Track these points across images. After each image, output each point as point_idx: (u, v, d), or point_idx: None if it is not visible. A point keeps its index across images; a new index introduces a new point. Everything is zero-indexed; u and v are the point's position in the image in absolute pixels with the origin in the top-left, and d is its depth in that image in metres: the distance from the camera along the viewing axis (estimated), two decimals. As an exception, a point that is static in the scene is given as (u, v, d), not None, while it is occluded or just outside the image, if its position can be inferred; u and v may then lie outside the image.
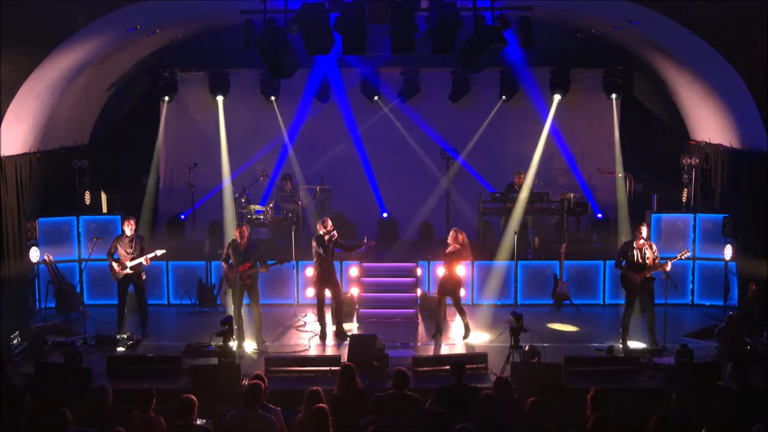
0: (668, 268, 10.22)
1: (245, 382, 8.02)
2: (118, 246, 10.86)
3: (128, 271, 10.82)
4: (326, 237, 10.86)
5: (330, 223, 10.97)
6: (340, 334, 11.00)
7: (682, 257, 10.41)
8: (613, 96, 14.63)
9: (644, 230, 10.35)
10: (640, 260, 10.29)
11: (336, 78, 14.73)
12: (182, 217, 14.68)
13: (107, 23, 10.48)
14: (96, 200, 13.53)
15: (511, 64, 14.19)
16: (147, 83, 15.04)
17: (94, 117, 14.18)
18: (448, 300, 11.11)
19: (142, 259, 10.81)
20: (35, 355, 9.89)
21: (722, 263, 12.26)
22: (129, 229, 10.86)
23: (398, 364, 8.40)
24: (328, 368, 9.30)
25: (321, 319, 11.15)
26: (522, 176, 13.99)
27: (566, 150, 14.87)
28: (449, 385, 7.74)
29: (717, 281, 12.41)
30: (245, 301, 10.76)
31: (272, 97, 14.77)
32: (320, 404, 6.56)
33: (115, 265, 10.81)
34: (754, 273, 11.05)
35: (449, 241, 10.89)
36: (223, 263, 10.80)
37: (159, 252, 10.95)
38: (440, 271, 11.22)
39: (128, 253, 10.81)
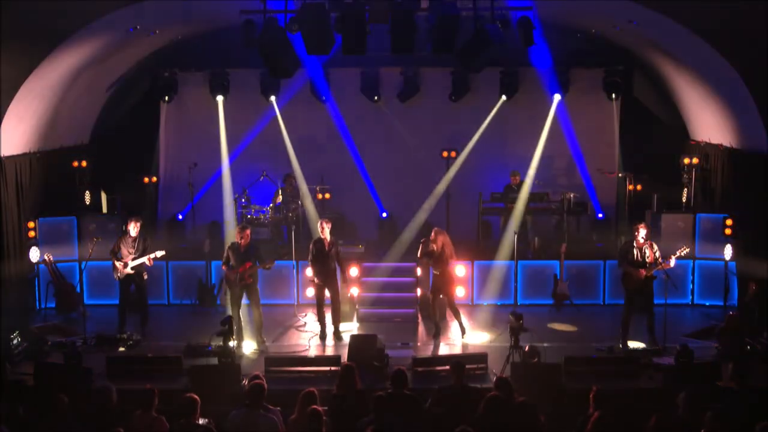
0: (672, 264, 10.19)
1: (245, 382, 8.03)
2: (121, 245, 10.86)
3: (130, 270, 10.82)
4: (326, 241, 10.86)
5: (327, 229, 10.91)
6: (337, 335, 11.01)
7: (681, 254, 10.41)
8: (613, 96, 14.63)
9: (642, 230, 10.34)
10: (640, 259, 10.29)
11: (336, 78, 14.74)
12: (180, 217, 14.67)
13: (107, 23, 10.49)
14: (96, 200, 13.52)
15: (510, 63, 14.19)
16: (147, 83, 15.03)
17: (94, 117, 14.18)
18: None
19: (144, 259, 10.80)
20: (35, 355, 9.89)
21: (722, 263, 12.25)
22: (134, 229, 10.85)
23: (398, 364, 8.40)
24: (328, 368, 9.29)
25: (321, 320, 11.16)
26: (517, 177, 14.01)
27: (566, 150, 14.86)
28: (449, 385, 7.74)
29: (717, 281, 12.40)
30: (245, 301, 10.76)
31: (272, 97, 14.77)
32: (315, 406, 6.55)
33: (117, 264, 10.81)
34: (754, 273, 11.05)
35: (430, 242, 10.83)
36: (223, 266, 10.80)
37: (159, 253, 10.94)
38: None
39: (130, 253, 10.81)
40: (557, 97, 14.65)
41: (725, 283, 12.25)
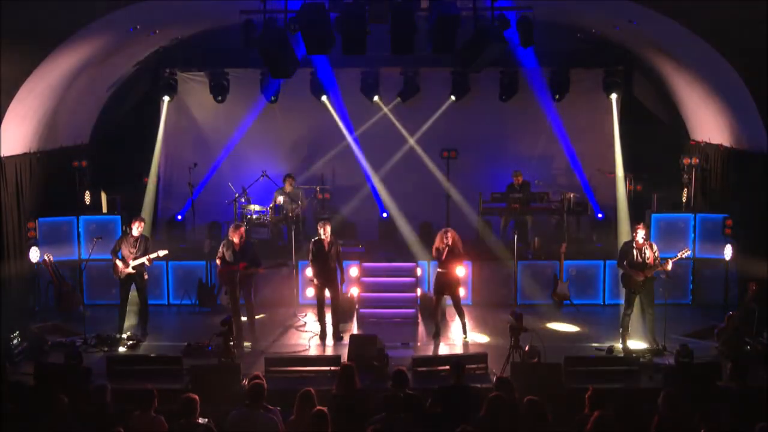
0: (669, 267, 10.22)
1: (245, 382, 8.03)
2: (123, 245, 10.85)
3: (130, 270, 10.81)
4: (325, 241, 10.86)
5: (328, 229, 10.94)
6: (336, 335, 11.01)
7: (683, 256, 10.42)
8: (613, 96, 14.62)
9: (640, 231, 10.34)
10: (640, 260, 10.29)
11: (336, 77, 14.74)
12: (179, 217, 14.65)
13: (107, 23, 10.48)
14: (96, 200, 13.52)
15: (511, 63, 14.19)
16: (147, 83, 15.03)
17: (94, 117, 14.17)
18: (449, 301, 11.13)
19: (144, 259, 10.79)
20: (35, 355, 9.89)
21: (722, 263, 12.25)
22: (137, 229, 10.83)
23: (398, 364, 8.41)
24: (328, 368, 9.30)
25: (321, 319, 11.16)
26: (520, 176, 14.04)
27: (566, 150, 14.86)
28: (449, 385, 7.74)
29: (717, 281, 12.41)
30: (242, 301, 10.79)
31: (272, 97, 14.77)
32: (320, 407, 6.54)
33: (119, 263, 10.80)
34: (754, 273, 11.04)
35: (448, 242, 10.83)
36: (217, 260, 10.80)
37: (161, 252, 10.93)
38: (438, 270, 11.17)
39: (132, 253, 10.79)
40: (557, 97, 14.65)
41: (725, 283, 12.25)
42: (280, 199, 13.77)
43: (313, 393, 6.90)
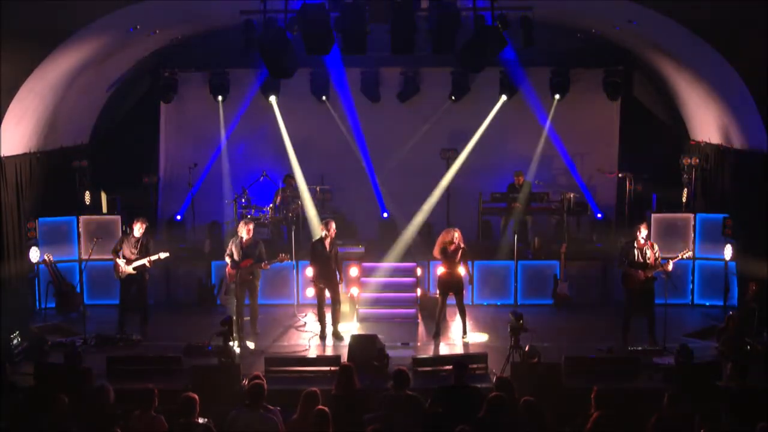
0: (670, 267, 10.23)
1: (245, 382, 8.03)
2: (124, 245, 10.84)
3: (131, 270, 10.79)
4: (327, 240, 10.86)
5: (332, 226, 10.95)
6: (336, 335, 11.01)
7: (684, 257, 10.41)
8: (613, 96, 14.62)
9: (643, 230, 10.35)
10: (641, 260, 10.30)
11: (337, 77, 14.74)
12: (178, 217, 14.65)
13: (107, 23, 10.49)
14: (96, 200, 13.52)
15: (511, 63, 14.19)
16: (147, 83, 15.04)
17: (94, 117, 14.18)
18: (450, 300, 11.13)
19: (144, 261, 10.78)
20: (35, 355, 9.89)
21: (722, 263, 12.25)
22: (139, 230, 10.81)
23: (398, 364, 8.40)
24: (328, 368, 9.30)
25: (321, 319, 11.16)
26: (521, 177, 14.05)
27: (566, 150, 14.86)
28: (449, 385, 7.74)
29: (717, 281, 12.40)
30: (246, 301, 10.77)
31: (272, 97, 14.77)
32: (321, 406, 6.54)
33: (120, 263, 10.79)
34: (754, 273, 11.04)
35: (455, 240, 10.83)
36: (227, 258, 10.81)
37: (162, 255, 10.88)
38: (440, 269, 11.17)
39: (133, 253, 10.78)
40: (557, 97, 14.65)
41: (725, 283, 12.25)
42: (280, 199, 13.75)
43: (317, 393, 6.89)
